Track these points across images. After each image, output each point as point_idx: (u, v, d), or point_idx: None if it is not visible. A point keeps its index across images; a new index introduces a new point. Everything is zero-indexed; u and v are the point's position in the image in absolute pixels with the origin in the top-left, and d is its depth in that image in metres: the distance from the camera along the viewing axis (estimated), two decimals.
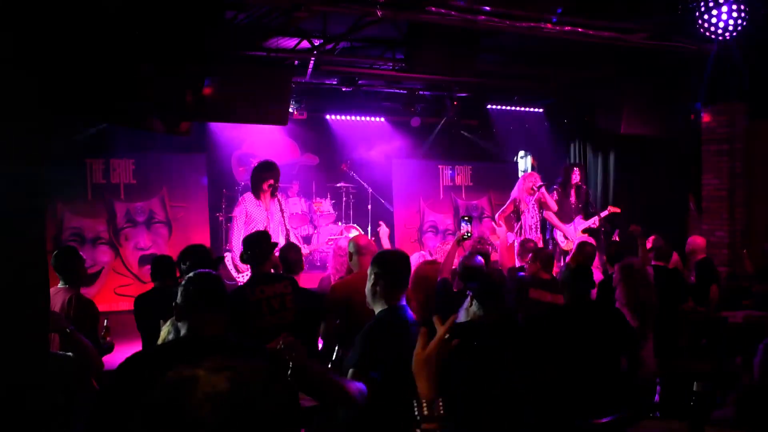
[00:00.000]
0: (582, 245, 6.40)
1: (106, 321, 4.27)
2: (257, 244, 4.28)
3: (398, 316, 2.91)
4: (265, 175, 6.33)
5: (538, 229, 8.11)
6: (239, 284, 6.07)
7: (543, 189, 7.95)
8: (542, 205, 8.11)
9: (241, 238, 6.23)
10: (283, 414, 1.05)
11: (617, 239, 8.05)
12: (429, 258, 5.81)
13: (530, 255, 5.40)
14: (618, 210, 8.43)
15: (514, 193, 8.22)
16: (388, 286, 2.90)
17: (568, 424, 3.63)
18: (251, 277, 4.26)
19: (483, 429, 3.47)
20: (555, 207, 8.17)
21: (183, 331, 2.35)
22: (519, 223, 8.04)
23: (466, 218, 5.24)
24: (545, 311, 4.51)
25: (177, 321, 2.43)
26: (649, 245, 6.43)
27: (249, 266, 4.45)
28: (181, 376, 1.02)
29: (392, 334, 2.83)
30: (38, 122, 2.63)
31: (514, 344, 3.61)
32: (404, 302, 2.97)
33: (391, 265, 2.93)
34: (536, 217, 8.11)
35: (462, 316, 3.65)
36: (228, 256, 6.77)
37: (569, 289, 3.85)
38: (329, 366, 4.11)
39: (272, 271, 4.45)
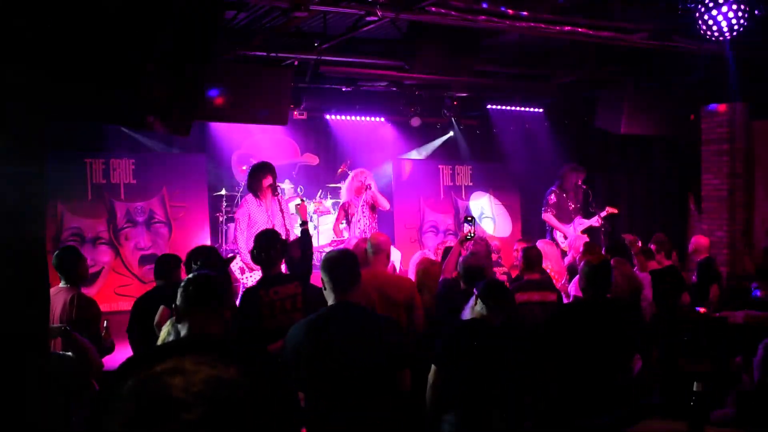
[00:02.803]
0: (590, 245, 6.39)
1: (105, 321, 4.27)
2: (271, 246, 4.30)
3: (340, 312, 2.96)
4: (261, 174, 6.31)
5: (368, 232, 7.26)
6: (245, 285, 6.07)
7: (372, 188, 7.26)
8: (373, 207, 7.37)
9: (246, 240, 6.28)
10: (263, 411, 1.05)
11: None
12: (432, 257, 5.78)
13: (521, 255, 5.27)
14: (616, 211, 8.42)
15: (343, 197, 7.62)
16: (331, 284, 2.99)
17: (571, 424, 3.64)
18: (264, 278, 4.28)
19: (483, 428, 3.47)
20: (386, 205, 7.49)
21: (183, 332, 2.34)
22: (348, 227, 7.43)
23: (468, 219, 5.21)
24: (566, 307, 4.49)
25: (177, 322, 2.42)
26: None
27: (259, 267, 4.45)
28: (155, 372, 1.02)
29: (320, 331, 2.89)
30: (38, 122, 2.63)
31: (515, 345, 3.61)
32: (353, 299, 3.02)
33: (330, 265, 3.02)
34: (368, 218, 7.33)
35: (468, 315, 3.66)
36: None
37: (591, 285, 3.82)
38: None
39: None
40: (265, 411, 1.03)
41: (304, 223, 5.02)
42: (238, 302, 4.48)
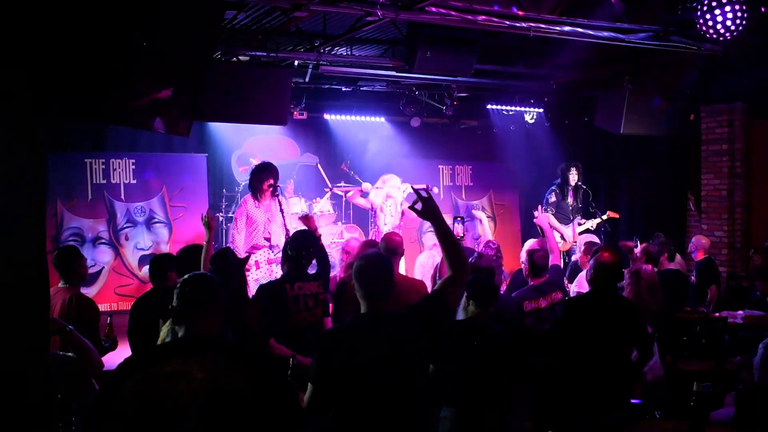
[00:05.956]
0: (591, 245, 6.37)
1: (109, 318, 4.26)
2: (303, 248, 4.31)
3: (363, 324, 2.76)
4: (263, 176, 6.33)
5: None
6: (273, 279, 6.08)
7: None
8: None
9: (244, 240, 6.30)
10: (264, 418, 1.05)
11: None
12: (439, 257, 5.71)
13: (526, 260, 5.07)
14: (617, 216, 8.41)
15: (371, 199, 7.92)
16: (363, 293, 2.79)
17: (578, 423, 3.65)
18: (289, 273, 4.31)
19: (481, 424, 3.48)
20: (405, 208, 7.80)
21: (181, 334, 2.33)
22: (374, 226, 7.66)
23: (458, 218, 5.17)
24: (575, 300, 4.48)
25: (174, 324, 2.40)
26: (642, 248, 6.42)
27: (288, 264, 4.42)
28: (159, 372, 1.02)
29: (342, 344, 2.72)
30: (38, 122, 2.63)
31: (508, 339, 3.64)
32: (387, 306, 2.79)
33: (361, 271, 2.81)
34: (395, 223, 7.73)
35: (461, 315, 3.68)
36: None
37: (596, 282, 3.84)
38: None
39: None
40: (266, 417, 1.04)
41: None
42: (254, 297, 4.45)
